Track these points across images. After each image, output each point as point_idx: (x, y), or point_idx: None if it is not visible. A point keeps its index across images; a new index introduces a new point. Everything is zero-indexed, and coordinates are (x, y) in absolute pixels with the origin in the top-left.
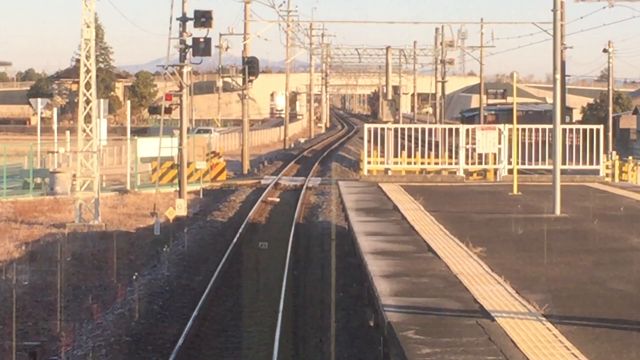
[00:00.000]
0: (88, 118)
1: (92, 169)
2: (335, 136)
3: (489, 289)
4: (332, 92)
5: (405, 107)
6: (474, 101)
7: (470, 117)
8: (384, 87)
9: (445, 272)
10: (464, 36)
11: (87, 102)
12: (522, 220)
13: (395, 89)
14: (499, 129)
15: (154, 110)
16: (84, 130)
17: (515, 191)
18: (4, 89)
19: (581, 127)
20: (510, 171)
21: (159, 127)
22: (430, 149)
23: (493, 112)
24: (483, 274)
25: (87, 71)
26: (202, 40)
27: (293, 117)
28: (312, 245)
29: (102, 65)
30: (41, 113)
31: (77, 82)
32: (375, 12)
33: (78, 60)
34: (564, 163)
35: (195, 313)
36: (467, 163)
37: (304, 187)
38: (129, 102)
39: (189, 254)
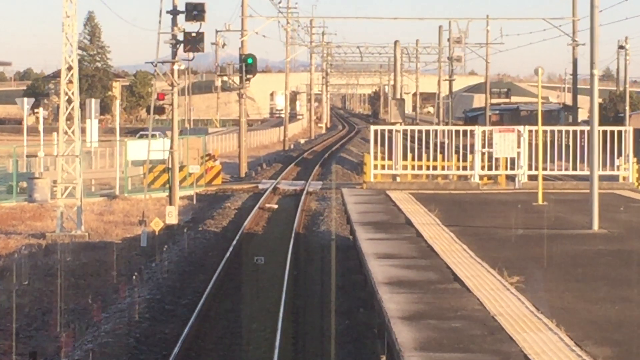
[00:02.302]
0: (71, 118)
1: (75, 174)
2: (336, 137)
3: (540, 339)
4: (332, 92)
5: (407, 107)
6: (476, 101)
7: (473, 117)
8: (385, 87)
9: (481, 312)
10: (466, 35)
11: (69, 101)
12: (557, 237)
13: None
14: (519, 131)
15: None
16: (66, 132)
17: (540, 201)
18: (2, 88)
19: (608, 128)
20: (532, 177)
21: (157, 127)
22: (440, 151)
23: (497, 112)
24: (528, 316)
25: (70, 68)
26: (194, 34)
27: (293, 117)
28: (313, 259)
29: (99, 65)
30: (37, 113)
31: (72, 82)
32: (375, 11)
33: None
34: (581, 168)
35: (176, 349)
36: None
37: (304, 192)
38: (117, 101)
39: (175, 272)
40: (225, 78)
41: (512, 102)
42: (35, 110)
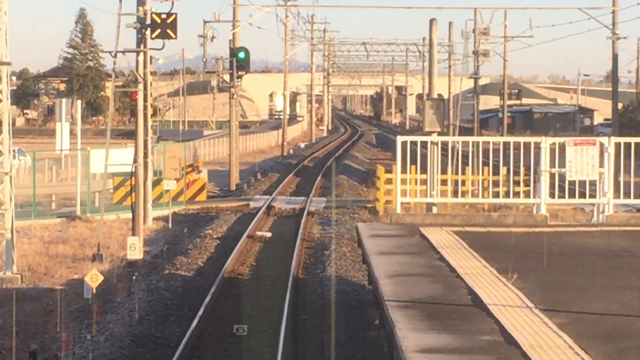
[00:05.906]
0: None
1: (4, 197)
2: (339, 140)
3: None
4: (333, 93)
5: (411, 108)
6: (483, 102)
7: (484, 119)
8: (389, 88)
9: None
10: (468, 35)
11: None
12: None
13: (400, 89)
14: (601, 144)
15: None
16: None
17: None
18: None
19: None
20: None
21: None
22: (465, 164)
23: (509, 114)
24: None
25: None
26: (164, 16)
27: (293, 118)
28: (316, 327)
29: (91, 64)
30: (26, 114)
31: (65, 82)
32: (376, 10)
33: (66, 59)
34: None
35: None
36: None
37: (305, 212)
38: (79, 102)
39: (119, 353)
40: (225, 77)
41: (523, 104)
42: (25, 111)
